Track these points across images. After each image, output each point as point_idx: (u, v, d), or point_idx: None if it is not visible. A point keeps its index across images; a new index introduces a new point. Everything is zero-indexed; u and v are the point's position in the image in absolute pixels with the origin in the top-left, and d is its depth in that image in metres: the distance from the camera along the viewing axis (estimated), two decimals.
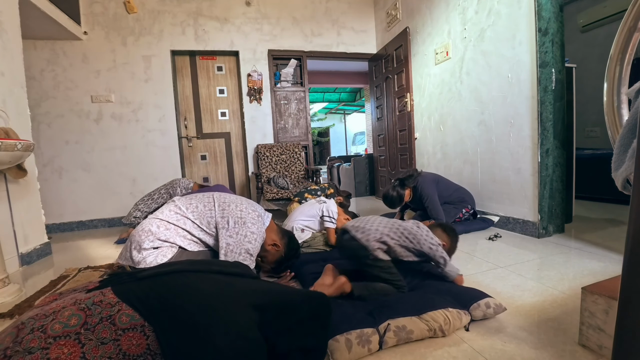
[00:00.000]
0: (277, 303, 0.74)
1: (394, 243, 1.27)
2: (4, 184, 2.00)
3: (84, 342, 0.54)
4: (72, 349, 0.53)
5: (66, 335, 0.54)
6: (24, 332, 0.54)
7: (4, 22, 2.10)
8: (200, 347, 0.59)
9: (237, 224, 1.37)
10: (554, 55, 1.98)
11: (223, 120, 3.86)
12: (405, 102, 3.46)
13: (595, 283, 0.96)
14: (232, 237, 1.35)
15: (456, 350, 0.97)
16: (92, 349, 0.54)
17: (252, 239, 1.37)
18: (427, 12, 3.05)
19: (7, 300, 1.53)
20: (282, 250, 1.52)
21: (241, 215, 1.40)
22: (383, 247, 1.26)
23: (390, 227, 1.31)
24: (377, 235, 1.26)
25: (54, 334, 0.53)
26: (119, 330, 0.57)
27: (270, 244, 1.50)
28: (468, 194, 2.43)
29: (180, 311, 0.62)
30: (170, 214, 1.39)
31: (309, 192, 2.65)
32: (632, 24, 0.59)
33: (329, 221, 2.00)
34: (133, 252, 1.34)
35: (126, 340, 0.57)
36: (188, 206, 1.42)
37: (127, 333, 0.57)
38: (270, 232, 1.51)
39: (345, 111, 12.03)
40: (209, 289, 0.68)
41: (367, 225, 1.30)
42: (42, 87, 3.20)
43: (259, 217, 1.45)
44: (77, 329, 0.55)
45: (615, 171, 0.58)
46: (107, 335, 0.56)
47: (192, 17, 3.55)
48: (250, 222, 1.39)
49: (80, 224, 3.37)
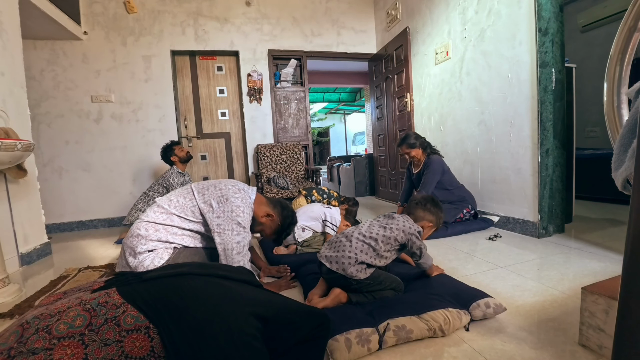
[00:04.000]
0: (280, 317, 0.73)
1: (372, 258, 1.23)
2: (4, 184, 2.00)
3: (87, 344, 0.54)
4: (75, 350, 0.53)
5: (70, 336, 0.53)
6: (28, 332, 0.54)
7: (4, 22, 2.10)
8: (205, 352, 0.58)
9: (220, 203, 1.37)
10: (554, 55, 1.98)
11: (223, 120, 3.86)
12: (405, 102, 3.46)
13: (595, 283, 0.96)
14: (220, 217, 1.35)
15: (456, 350, 0.97)
16: (95, 350, 0.54)
17: (239, 212, 1.37)
18: (427, 12, 3.05)
19: (7, 300, 1.53)
20: (277, 219, 1.52)
21: (222, 194, 1.40)
22: (362, 266, 1.21)
23: (363, 240, 1.25)
24: (352, 260, 1.20)
25: (58, 335, 0.53)
26: (123, 332, 0.57)
27: (263, 215, 1.49)
28: (469, 194, 2.43)
29: (186, 314, 0.62)
30: (155, 215, 1.40)
31: (317, 190, 2.73)
32: (632, 24, 0.59)
33: (330, 228, 2.06)
34: (129, 258, 1.34)
35: (129, 342, 0.57)
36: (169, 203, 1.42)
37: (131, 335, 0.57)
38: (260, 205, 1.51)
39: (345, 111, 12.03)
40: (216, 294, 0.68)
41: (339, 253, 1.23)
42: (42, 87, 3.20)
43: (241, 191, 1.45)
44: (82, 330, 0.55)
45: (615, 171, 0.58)
46: (111, 336, 0.56)
47: (192, 17, 3.55)
48: (233, 197, 1.39)
49: (80, 224, 3.37)
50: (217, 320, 0.62)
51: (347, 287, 1.22)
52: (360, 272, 1.20)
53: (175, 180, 2.73)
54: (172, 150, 2.85)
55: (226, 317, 0.63)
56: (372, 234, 1.26)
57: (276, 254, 1.93)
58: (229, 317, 0.63)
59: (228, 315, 0.63)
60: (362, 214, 3.20)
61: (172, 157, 2.83)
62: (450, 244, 2.04)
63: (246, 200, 1.42)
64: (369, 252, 1.23)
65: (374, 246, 1.24)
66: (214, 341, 0.59)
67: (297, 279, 1.58)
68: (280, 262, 1.78)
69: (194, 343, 0.58)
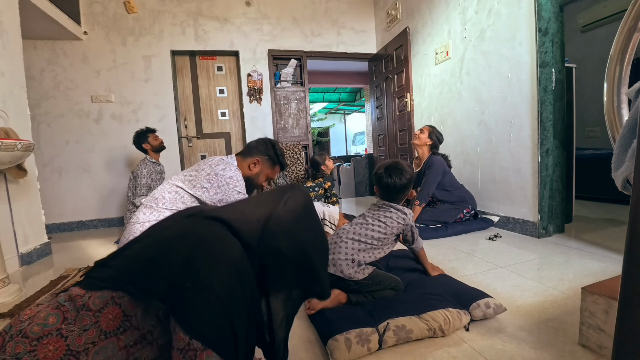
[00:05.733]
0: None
1: (369, 254, 1.23)
2: (4, 184, 2.00)
3: (66, 335, 0.55)
4: (56, 345, 0.54)
5: (48, 334, 0.54)
6: (5, 341, 0.54)
7: (4, 22, 2.10)
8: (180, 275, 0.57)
9: (212, 181, 1.35)
10: (554, 55, 1.98)
11: (223, 120, 3.86)
12: (405, 102, 3.46)
13: (595, 283, 0.96)
14: (217, 193, 1.33)
15: (456, 350, 0.97)
16: (76, 338, 0.55)
17: (233, 182, 1.35)
18: (427, 12, 3.05)
19: (7, 300, 1.53)
20: (262, 157, 1.50)
21: (209, 171, 1.38)
22: (360, 267, 1.21)
23: (359, 240, 1.24)
24: (349, 261, 1.20)
25: (35, 336, 0.54)
26: (97, 313, 0.58)
27: (250, 168, 1.48)
28: (469, 194, 2.43)
29: (146, 249, 0.62)
30: (145, 216, 1.38)
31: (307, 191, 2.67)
32: (632, 24, 0.59)
33: (329, 227, 2.07)
34: None
35: (104, 319, 0.58)
36: (157, 201, 1.40)
37: (103, 312, 0.58)
38: (242, 162, 1.50)
39: (345, 111, 12.02)
40: (172, 226, 0.67)
41: (335, 255, 1.22)
42: (42, 87, 3.20)
43: (222, 161, 1.43)
44: (58, 326, 0.56)
45: (615, 171, 0.57)
46: (88, 322, 0.57)
47: (192, 17, 3.55)
48: (222, 170, 1.37)
49: (80, 224, 3.37)
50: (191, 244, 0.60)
51: (346, 289, 1.22)
52: (358, 273, 1.20)
53: (143, 171, 2.67)
54: (147, 137, 2.78)
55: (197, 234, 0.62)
56: (368, 231, 1.26)
57: None
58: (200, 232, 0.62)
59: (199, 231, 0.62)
60: None
61: (145, 145, 2.78)
62: (450, 244, 2.04)
63: (232, 167, 1.41)
64: (365, 249, 1.23)
65: (370, 242, 1.23)
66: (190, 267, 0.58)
67: None
68: None
69: (160, 270, 0.58)
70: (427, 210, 2.37)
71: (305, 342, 1.07)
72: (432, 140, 2.46)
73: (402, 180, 1.32)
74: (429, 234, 2.20)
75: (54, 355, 0.54)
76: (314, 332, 1.11)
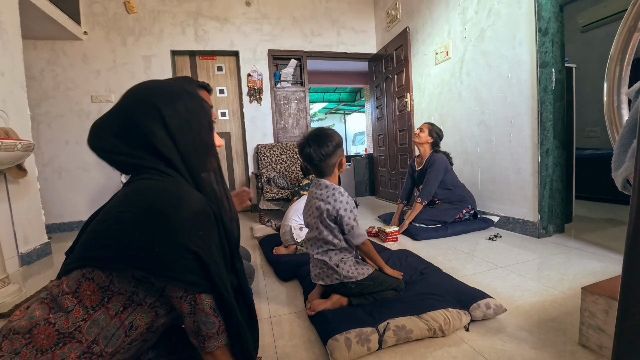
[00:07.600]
0: None
1: (334, 255, 1.19)
2: (4, 184, 2.00)
3: (54, 322, 0.57)
4: (46, 333, 0.56)
5: (36, 325, 0.56)
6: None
7: (4, 22, 2.10)
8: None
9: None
10: (554, 55, 1.98)
11: (223, 120, 3.86)
12: (405, 102, 3.46)
13: (595, 283, 0.96)
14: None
15: (456, 350, 0.97)
16: (63, 322, 0.57)
17: None
18: (427, 12, 3.05)
19: (7, 300, 1.53)
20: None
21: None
22: (350, 263, 1.19)
23: (318, 251, 1.22)
24: (330, 270, 1.18)
25: (24, 330, 0.56)
26: (75, 293, 0.59)
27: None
28: (469, 194, 2.43)
29: (96, 224, 0.64)
30: None
31: (303, 189, 2.61)
32: (632, 24, 0.59)
33: None
34: None
35: (83, 296, 0.59)
36: None
37: (80, 290, 0.59)
38: None
39: (345, 111, 12.02)
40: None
41: (321, 270, 1.21)
42: (42, 87, 3.20)
43: None
44: (45, 316, 0.58)
45: (615, 171, 0.58)
46: (69, 304, 0.59)
47: (192, 17, 3.55)
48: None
49: (80, 224, 3.37)
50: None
51: (348, 293, 1.21)
52: (355, 271, 1.18)
53: None
54: None
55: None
56: (320, 234, 1.20)
57: (275, 254, 1.93)
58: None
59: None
60: (362, 214, 3.20)
61: None
62: (450, 244, 2.04)
63: None
64: (329, 250, 1.20)
65: (328, 240, 1.19)
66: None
67: (296, 280, 1.58)
68: (279, 262, 1.78)
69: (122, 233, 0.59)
70: (426, 210, 2.37)
71: (305, 342, 1.07)
72: (433, 138, 2.46)
73: (324, 149, 1.17)
74: (429, 234, 2.20)
75: (48, 342, 0.56)
76: (314, 332, 1.12)
